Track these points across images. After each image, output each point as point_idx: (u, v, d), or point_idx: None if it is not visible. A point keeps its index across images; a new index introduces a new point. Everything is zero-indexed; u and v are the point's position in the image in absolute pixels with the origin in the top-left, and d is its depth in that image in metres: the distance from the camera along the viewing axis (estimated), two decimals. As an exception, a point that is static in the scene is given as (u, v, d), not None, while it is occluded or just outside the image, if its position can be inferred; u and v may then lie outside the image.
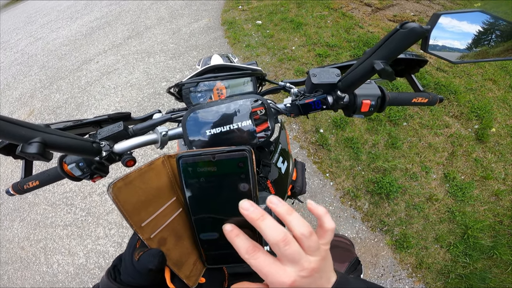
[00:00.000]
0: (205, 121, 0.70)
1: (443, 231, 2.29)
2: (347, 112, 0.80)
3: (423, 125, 2.92)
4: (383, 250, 2.25)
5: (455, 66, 3.49)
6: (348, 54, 3.81)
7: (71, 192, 2.99)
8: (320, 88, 0.77)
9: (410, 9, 4.95)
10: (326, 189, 2.59)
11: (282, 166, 1.17)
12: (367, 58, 0.59)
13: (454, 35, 0.60)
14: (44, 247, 2.66)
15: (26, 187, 0.76)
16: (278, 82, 0.95)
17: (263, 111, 0.72)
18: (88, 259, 2.50)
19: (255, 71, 0.92)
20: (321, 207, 0.45)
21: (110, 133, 0.71)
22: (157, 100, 3.69)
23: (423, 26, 0.52)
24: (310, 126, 3.04)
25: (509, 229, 2.26)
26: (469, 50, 0.63)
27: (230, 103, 0.71)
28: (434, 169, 2.62)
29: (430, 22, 0.56)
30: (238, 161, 0.43)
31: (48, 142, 0.49)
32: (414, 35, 0.51)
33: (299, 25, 4.50)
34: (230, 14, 5.26)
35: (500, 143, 2.78)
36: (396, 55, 0.56)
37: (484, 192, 2.48)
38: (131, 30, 5.51)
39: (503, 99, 3.17)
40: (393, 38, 0.53)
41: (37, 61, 5.27)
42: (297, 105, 0.78)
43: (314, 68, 0.78)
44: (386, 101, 0.77)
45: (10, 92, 4.66)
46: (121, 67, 4.49)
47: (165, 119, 0.82)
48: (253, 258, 0.39)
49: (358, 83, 0.67)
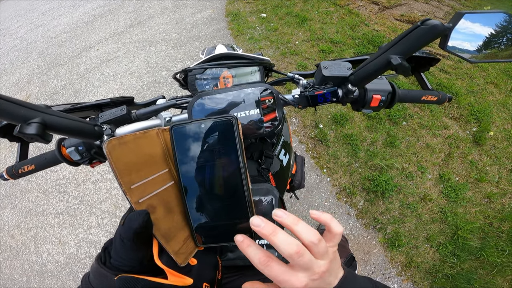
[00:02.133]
0: (212, 107, 0.71)
1: (434, 231, 2.35)
2: (355, 106, 0.81)
3: (422, 125, 2.97)
4: (375, 247, 2.31)
5: (458, 68, 3.54)
6: (352, 51, 3.86)
7: (65, 179, 3.00)
8: (330, 80, 0.77)
9: (418, 9, 4.98)
10: (323, 184, 2.64)
11: (284, 159, 1.18)
12: (383, 53, 0.60)
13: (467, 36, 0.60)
14: (34, 235, 2.67)
15: (21, 171, 0.76)
16: (286, 73, 0.96)
17: (272, 100, 0.72)
18: (79, 248, 2.51)
19: (263, 60, 0.94)
20: (325, 213, 0.47)
21: (112, 117, 0.70)
22: (157, 88, 3.74)
23: (445, 24, 0.53)
24: (309, 121, 3.09)
25: (498, 231, 2.32)
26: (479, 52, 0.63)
27: (239, 91, 0.71)
28: (430, 169, 2.68)
29: (452, 21, 0.56)
30: (224, 127, 0.45)
31: (48, 123, 0.49)
32: (435, 32, 0.52)
33: (304, 20, 4.54)
34: (234, 6, 5.31)
35: (496, 147, 2.84)
36: (413, 51, 0.57)
37: (477, 194, 2.54)
38: (134, 18, 5.55)
39: (503, 103, 3.22)
40: (413, 34, 0.55)
41: (37, 47, 5.31)
42: (306, 97, 0.79)
43: (325, 61, 0.78)
44: (396, 97, 0.79)
45: (7, 77, 4.70)
46: (122, 55, 4.53)
47: (170, 104, 0.82)
48: (267, 268, 0.41)
49: (371, 77, 0.68)
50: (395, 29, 4.33)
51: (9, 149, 3.39)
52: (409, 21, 4.66)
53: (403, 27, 4.42)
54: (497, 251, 2.22)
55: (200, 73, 0.96)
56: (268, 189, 0.70)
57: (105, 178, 2.91)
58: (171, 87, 3.73)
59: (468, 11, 0.55)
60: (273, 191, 0.70)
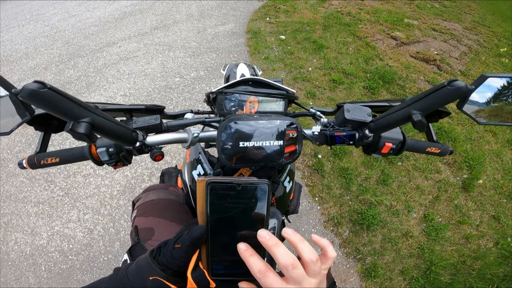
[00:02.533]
0: (241, 132, 0.71)
1: (410, 265, 2.41)
2: (367, 150, 0.84)
3: (416, 167, 3.04)
4: (352, 276, 2.35)
5: (460, 113, 3.57)
6: (362, 84, 3.95)
7: (56, 168, 2.96)
8: (350, 124, 0.79)
9: (435, 48, 5.06)
10: (313, 212, 2.70)
11: (288, 185, 1.20)
12: (406, 107, 0.62)
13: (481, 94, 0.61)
14: (7, 222, 2.57)
15: (44, 163, 0.75)
16: (309, 108, 0.99)
17: (295, 134, 0.74)
18: (50, 241, 2.43)
19: (289, 92, 0.96)
20: (324, 239, 0.51)
21: (146, 124, 0.72)
22: (167, 94, 3.82)
23: (468, 86, 0.54)
24: (309, 150, 3.16)
25: (469, 268, 2.39)
26: (487, 104, 0.64)
27: (268, 121, 0.73)
28: (416, 209, 2.74)
29: (475, 83, 0.57)
30: (258, 191, 0.49)
31: (96, 124, 0.50)
32: (458, 93, 0.54)
33: (320, 47, 4.66)
34: (256, 24, 5.46)
35: (483, 194, 2.91)
36: (434, 109, 0.59)
37: (456, 235, 2.61)
38: (160, 21, 5.71)
39: (497, 153, 3.29)
40: (438, 93, 0.56)
41: (64, 36, 5.45)
42: (326, 135, 0.81)
43: (348, 103, 0.80)
44: (405, 147, 0.81)
45: (27, 61, 4.78)
46: (141, 55, 4.65)
47: (199, 121, 0.84)
48: (264, 278, 0.45)
49: (390, 127, 0.70)
50: (408, 66, 4.42)
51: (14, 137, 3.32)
52: (423, 59, 4.73)
53: (416, 64, 4.51)
54: (465, 287, 2.29)
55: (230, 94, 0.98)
56: (273, 212, 0.75)
57: (97, 174, 2.89)
58: (181, 94, 3.82)
59: (493, 74, 0.57)
60: (278, 214, 0.75)
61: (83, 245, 2.40)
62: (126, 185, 2.79)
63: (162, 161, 3.00)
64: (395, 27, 5.59)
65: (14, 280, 2.25)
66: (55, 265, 2.30)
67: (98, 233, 2.47)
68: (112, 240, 2.42)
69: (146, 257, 0.52)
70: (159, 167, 2.93)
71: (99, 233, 2.47)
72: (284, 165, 1.17)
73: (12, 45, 5.29)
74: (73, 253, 2.36)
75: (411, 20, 6.00)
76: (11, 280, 2.25)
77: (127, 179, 2.83)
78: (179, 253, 0.50)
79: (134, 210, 1.19)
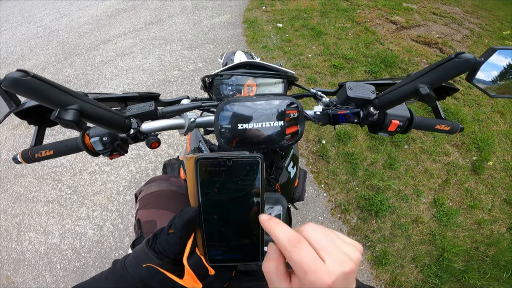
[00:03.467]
0: (239, 114, 0.71)
1: (421, 252, 2.37)
2: (373, 129, 0.82)
3: (424, 150, 2.99)
4: (362, 264, 2.32)
5: (467, 94, 3.57)
6: (363, 69, 3.90)
7: (62, 167, 2.97)
8: (354, 102, 0.78)
9: (436, 31, 5.00)
10: (319, 199, 2.66)
11: (292, 171, 1.19)
12: (412, 81, 0.61)
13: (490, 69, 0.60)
14: (19, 222, 2.60)
15: (38, 156, 0.75)
16: (309, 89, 0.97)
17: (296, 114, 0.73)
18: (63, 239, 2.46)
19: (288, 73, 0.96)
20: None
21: (140, 111, 0.71)
22: (166, 87, 3.80)
23: (477, 58, 0.53)
24: (313, 136, 3.12)
25: (483, 255, 2.34)
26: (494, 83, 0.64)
27: (266, 102, 0.72)
28: (425, 193, 2.70)
29: (484, 55, 0.56)
30: (250, 166, 0.46)
31: (85, 111, 0.50)
32: (467, 65, 0.53)
33: (319, 34, 4.60)
34: (252, 13, 5.40)
35: (494, 177, 2.86)
36: (442, 82, 0.58)
37: (467, 220, 2.56)
38: (154, 16, 5.66)
39: (506, 133, 3.24)
40: (445, 66, 0.55)
41: (58, 36, 5.42)
42: (329, 115, 0.80)
43: (350, 82, 0.79)
44: (413, 124, 0.79)
45: (24, 62, 4.77)
46: (137, 50, 4.62)
47: (195, 106, 0.82)
48: (295, 249, 0.36)
49: (396, 103, 0.69)
50: (410, 49, 4.35)
51: (11, 131, 3.40)
52: (425, 42, 4.67)
53: (418, 48, 4.45)
54: (479, 274, 2.24)
55: (226, 79, 0.97)
56: (277, 199, 0.73)
57: (102, 170, 2.90)
58: (180, 86, 3.79)
59: (501, 47, 0.57)
60: (282, 200, 0.73)
61: (94, 242, 2.42)
62: (132, 180, 2.79)
63: (165, 154, 2.99)
64: (394, 12, 5.51)
65: (32, 280, 2.28)
66: (69, 263, 2.33)
67: (108, 229, 2.49)
68: (121, 236, 2.44)
69: (142, 247, 0.49)
70: (162, 160, 2.91)
71: (109, 229, 2.49)
72: (287, 150, 1.17)
73: (7, 48, 5.27)
74: (85, 250, 2.39)
75: (410, 4, 5.90)
76: (29, 280, 2.28)
77: (132, 174, 2.83)
78: (174, 239, 0.46)
79: (137, 203, 1.17)
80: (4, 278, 2.31)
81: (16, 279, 2.30)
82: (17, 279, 2.30)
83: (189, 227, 0.47)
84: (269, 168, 1.05)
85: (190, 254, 0.48)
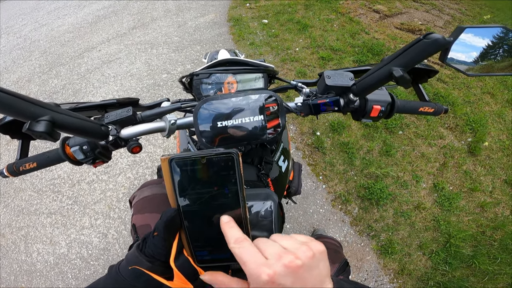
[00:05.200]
0: (217, 112, 0.71)
1: (427, 239, 2.38)
2: (355, 115, 0.83)
3: (418, 135, 3.01)
4: (368, 254, 2.33)
5: (455, 78, 3.59)
6: (351, 59, 3.90)
7: (60, 178, 2.97)
8: (333, 90, 0.78)
9: (419, 18, 5.02)
10: (318, 191, 2.66)
11: (283, 165, 1.20)
12: (386, 65, 0.61)
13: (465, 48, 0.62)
14: (25, 235, 2.62)
15: (22, 169, 0.75)
16: (290, 81, 0.97)
17: (276, 107, 0.73)
18: (70, 249, 2.48)
19: (268, 68, 0.94)
20: None
21: (118, 118, 0.71)
22: (156, 91, 3.76)
23: (446, 38, 0.54)
24: (307, 128, 3.11)
25: (490, 239, 2.36)
26: (476, 63, 0.65)
27: (244, 97, 0.72)
28: (424, 178, 2.71)
29: (453, 34, 0.58)
30: (225, 162, 0.46)
31: (57, 122, 0.49)
32: (437, 46, 0.54)
33: (305, 27, 4.59)
34: (237, 11, 5.35)
35: (491, 157, 2.89)
36: (415, 63, 0.59)
37: (470, 203, 2.58)
38: (137, 20, 5.57)
39: (499, 113, 3.28)
40: (415, 47, 0.56)
41: (39, 46, 5.31)
42: (309, 105, 0.80)
43: (328, 70, 0.80)
44: (395, 108, 0.81)
45: (8, 75, 4.69)
46: (123, 56, 4.55)
47: (174, 107, 0.82)
48: (238, 246, 0.41)
49: (373, 88, 0.69)
50: (395, 37, 4.37)
51: (5, 147, 3.36)
52: (409, 29, 4.70)
53: (403, 35, 4.46)
54: (489, 259, 2.25)
55: (205, 78, 0.98)
56: (267, 194, 0.71)
57: (100, 179, 2.89)
58: (170, 89, 3.75)
59: (469, 25, 0.58)
60: (273, 196, 0.71)
61: (100, 250, 2.45)
62: (130, 186, 2.78)
63: (159, 158, 2.97)
64: (376, 1, 5.51)
65: None
66: (79, 271, 2.37)
67: (112, 236, 2.51)
68: (126, 242, 2.46)
69: (133, 251, 0.50)
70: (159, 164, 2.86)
71: (113, 236, 2.51)
72: (276, 144, 1.17)
73: (-12, 61, 5.14)
74: (93, 258, 2.42)
75: (390, -8, 5.93)
76: None
77: (130, 181, 2.82)
78: (159, 241, 0.47)
79: (132, 208, 1.17)
80: (20, 290, 2.33)
81: (32, 290, 2.32)
82: (33, 290, 2.30)
83: (171, 228, 0.47)
84: (258, 164, 1.05)
85: (177, 256, 0.48)
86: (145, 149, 3.04)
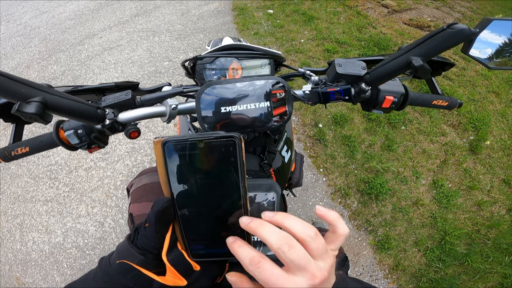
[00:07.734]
0: (221, 97, 0.68)
1: (423, 236, 2.42)
2: (366, 106, 0.81)
3: (421, 131, 3.04)
4: (365, 249, 2.37)
5: (461, 76, 3.62)
6: (357, 52, 3.91)
7: (57, 165, 2.96)
8: (344, 78, 0.76)
9: (428, 15, 5.02)
10: (318, 184, 2.69)
11: (286, 155, 1.18)
12: (404, 53, 0.60)
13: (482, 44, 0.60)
14: (20, 223, 2.62)
15: (15, 154, 0.72)
16: (297, 68, 0.93)
17: (283, 94, 0.70)
18: (66, 238, 2.48)
19: (275, 54, 0.93)
20: (332, 211, 0.44)
21: (116, 101, 0.69)
22: (157, 78, 3.78)
23: (472, 29, 0.53)
24: (309, 120, 3.14)
25: (484, 238, 2.41)
26: (490, 60, 0.64)
27: (250, 82, 0.69)
28: (424, 174, 2.75)
29: (479, 26, 0.56)
30: (226, 148, 0.42)
31: (49, 103, 0.48)
32: (461, 36, 0.53)
33: (311, 19, 4.60)
34: (242, 1, 5.36)
35: (491, 156, 2.92)
36: (436, 54, 0.57)
37: (467, 201, 2.62)
38: (139, 8, 5.58)
39: (502, 113, 3.31)
40: (438, 37, 0.55)
41: (39, 33, 5.31)
42: (318, 93, 0.77)
43: (339, 58, 0.78)
44: (408, 100, 0.78)
45: (7, 61, 4.69)
46: (125, 43, 4.56)
47: (176, 92, 0.80)
48: (258, 270, 0.37)
49: (388, 77, 0.68)
50: (403, 33, 4.38)
51: (3, 131, 3.37)
52: (417, 25, 4.70)
53: (411, 31, 4.48)
54: (482, 257, 2.30)
55: (209, 63, 0.95)
56: (270, 185, 0.70)
57: (98, 166, 2.89)
58: (171, 77, 3.78)
59: (496, 17, 0.56)
60: (275, 187, 0.70)
61: (97, 239, 2.46)
62: (128, 174, 2.79)
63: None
64: (384, -5, 5.53)
65: (42, 280, 2.32)
66: (75, 261, 2.37)
67: (109, 225, 2.52)
68: (123, 232, 2.47)
69: (124, 242, 0.47)
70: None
71: (110, 225, 2.52)
72: (280, 133, 1.15)
73: (-12, 48, 5.16)
74: (89, 247, 2.43)
75: (400, -13, 5.93)
76: (38, 280, 2.32)
77: (128, 168, 2.84)
78: (151, 233, 0.44)
79: (129, 196, 1.16)
80: (14, 279, 2.34)
81: (26, 279, 2.33)
82: (27, 279, 2.33)
83: (163, 219, 0.45)
84: (261, 153, 1.04)
85: (170, 249, 0.46)
86: (145, 136, 3.07)
